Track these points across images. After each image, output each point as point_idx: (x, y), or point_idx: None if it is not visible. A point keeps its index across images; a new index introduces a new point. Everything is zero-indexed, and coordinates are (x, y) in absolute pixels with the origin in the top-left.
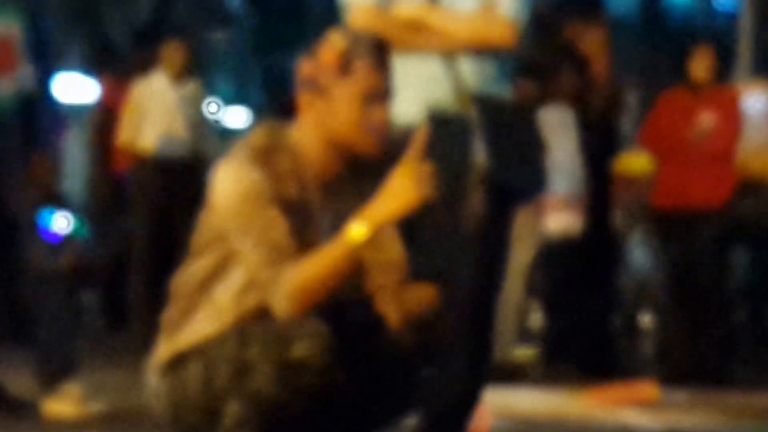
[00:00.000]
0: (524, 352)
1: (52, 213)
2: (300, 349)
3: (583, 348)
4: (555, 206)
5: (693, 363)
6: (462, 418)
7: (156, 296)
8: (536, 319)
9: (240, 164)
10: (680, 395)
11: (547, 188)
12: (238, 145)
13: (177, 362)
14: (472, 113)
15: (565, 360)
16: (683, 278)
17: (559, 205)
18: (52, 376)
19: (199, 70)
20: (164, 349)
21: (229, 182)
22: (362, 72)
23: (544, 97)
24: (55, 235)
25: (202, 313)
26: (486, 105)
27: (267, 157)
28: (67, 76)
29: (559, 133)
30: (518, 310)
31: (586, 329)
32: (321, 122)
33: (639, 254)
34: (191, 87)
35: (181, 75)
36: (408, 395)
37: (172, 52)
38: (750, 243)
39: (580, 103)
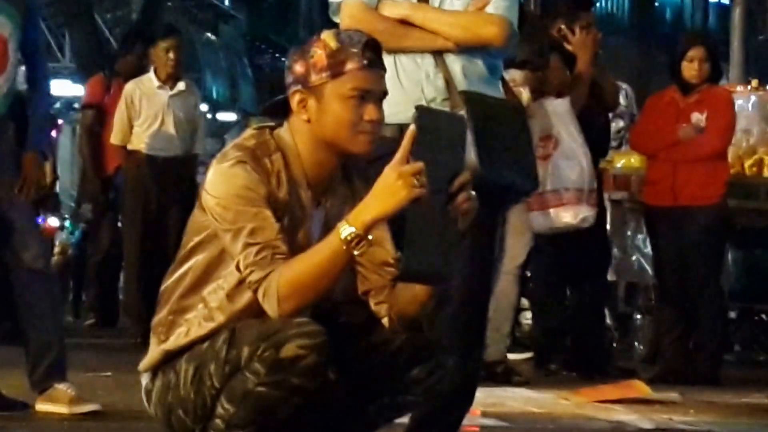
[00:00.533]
0: (518, 357)
1: (43, 212)
2: (292, 349)
3: (575, 347)
4: (569, 200)
5: (684, 362)
6: (454, 418)
7: (148, 295)
8: (528, 318)
9: (232, 165)
10: (672, 394)
11: (538, 187)
12: (230, 145)
13: (169, 362)
14: (464, 112)
15: (557, 359)
16: (675, 277)
17: (573, 198)
18: (44, 376)
19: (190, 70)
20: (156, 349)
21: (221, 182)
22: (353, 72)
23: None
24: (46, 234)
25: (194, 313)
26: (477, 104)
27: (259, 157)
28: (59, 76)
29: (566, 122)
30: (510, 309)
31: (578, 328)
32: (313, 122)
33: (631, 252)
34: (183, 87)
35: (173, 75)
36: (400, 395)
37: (164, 52)
38: (740, 242)
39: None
